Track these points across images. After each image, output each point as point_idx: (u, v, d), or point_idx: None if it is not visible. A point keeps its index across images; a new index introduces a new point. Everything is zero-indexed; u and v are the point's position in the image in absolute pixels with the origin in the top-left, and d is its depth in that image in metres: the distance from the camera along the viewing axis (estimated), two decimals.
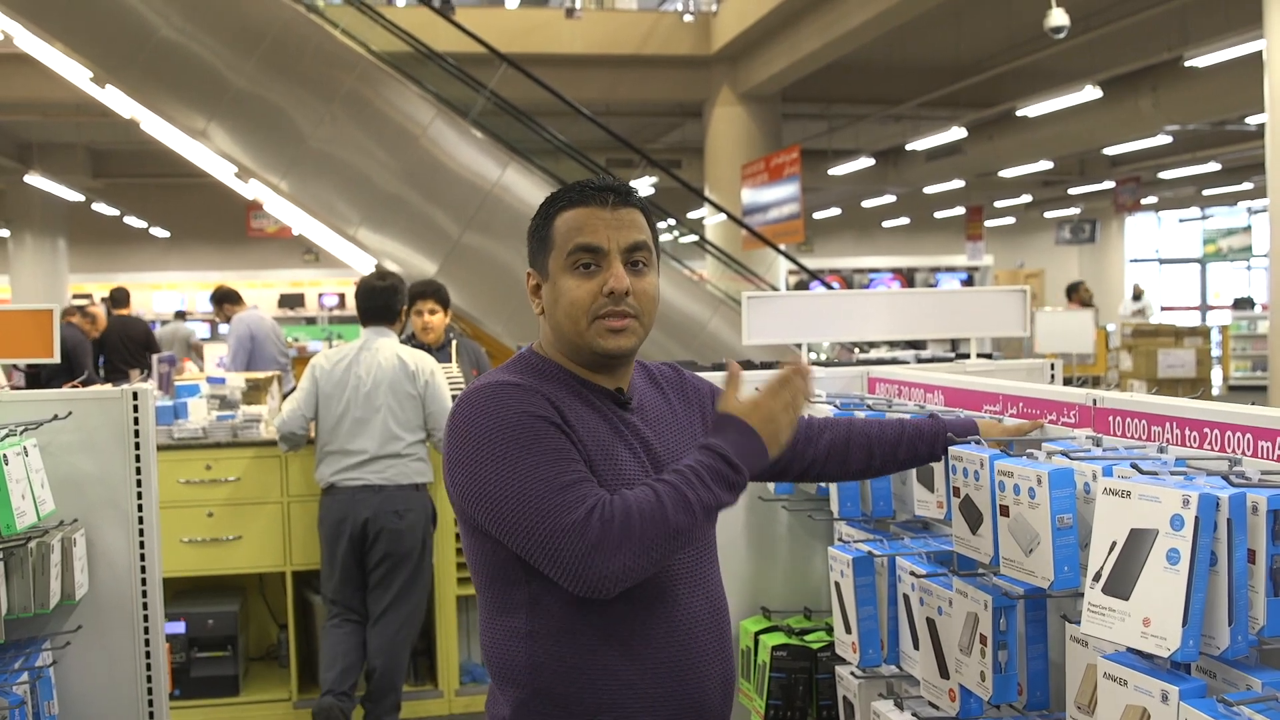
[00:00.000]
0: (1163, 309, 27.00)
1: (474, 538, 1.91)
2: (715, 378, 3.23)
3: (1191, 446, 1.89)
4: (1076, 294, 14.42)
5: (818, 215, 24.92)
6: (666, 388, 2.12)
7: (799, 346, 3.59)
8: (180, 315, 17.25)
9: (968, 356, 3.75)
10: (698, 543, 1.95)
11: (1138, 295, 19.51)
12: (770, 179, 14.72)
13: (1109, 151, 19.55)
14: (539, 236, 1.95)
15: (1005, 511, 1.95)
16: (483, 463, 1.79)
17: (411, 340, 5.66)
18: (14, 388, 3.18)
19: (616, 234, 1.88)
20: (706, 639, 1.95)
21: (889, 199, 24.30)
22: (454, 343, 5.77)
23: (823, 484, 2.88)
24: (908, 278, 27.48)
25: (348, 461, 4.65)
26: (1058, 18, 10.12)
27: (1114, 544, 1.65)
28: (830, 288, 15.52)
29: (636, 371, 2.06)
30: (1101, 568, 1.66)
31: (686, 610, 1.92)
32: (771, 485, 3.12)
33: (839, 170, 19.10)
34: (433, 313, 5.59)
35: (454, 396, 5.42)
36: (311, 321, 22.80)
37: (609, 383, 1.97)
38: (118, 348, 10.51)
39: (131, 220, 22.51)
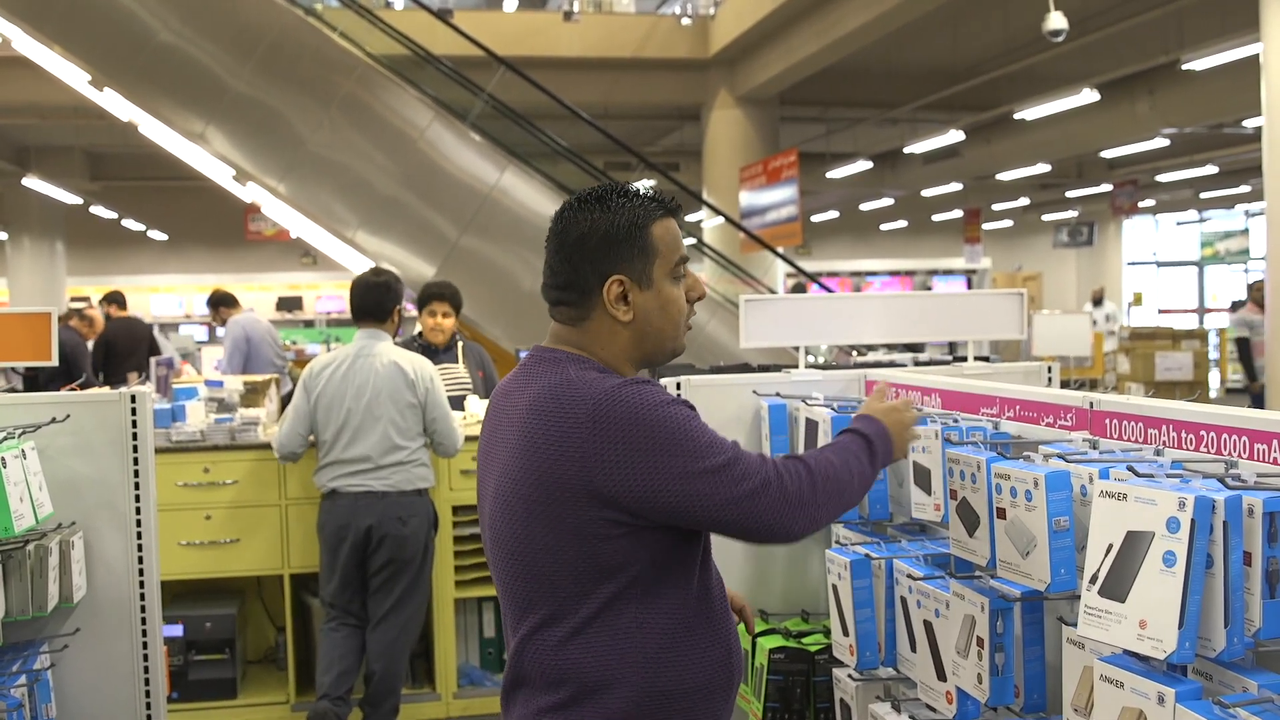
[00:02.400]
0: (1160, 312, 27.04)
1: (588, 542, 1.87)
2: (715, 380, 3.24)
3: (1188, 449, 1.90)
4: (1257, 293, 13.98)
5: (815, 218, 24.93)
6: None
7: (796, 350, 3.59)
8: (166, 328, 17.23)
9: (965, 359, 3.76)
10: None
11: (1098, 300, 18.47)
12: (768, 182, 14.73)
13: (1106, 154, 19.58)
14: (637, 243, 1.96)
15: (1002, 514, 1.96)
16: (651, 452, 1.84)
17: (418, 339, 5.67)
18: (10, 389, 3.19)
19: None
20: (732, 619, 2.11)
21: (887, 202, 24.32)
22: (460, 344, 5.77)
23: None
24: (906, 281, 27.48)
25: (350, 469, 4.62)
26: (1055, 21, 10.13)
27: (1110, 546, 1.65)
28: (829, 290, 15.52)
29: None
30: (1098, 570, 1.67)
31: (724, 592, 2.08)
32: None
33: (837, 173, 19.11)
34: (445, 315, 5.60)
35: (459, 398, 5.42)
36: (309, 324, 22.78)
37: None
38: (125, 349, 10.45)
39: (129, 223, 22.51)
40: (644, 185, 2.25)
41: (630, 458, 1.83)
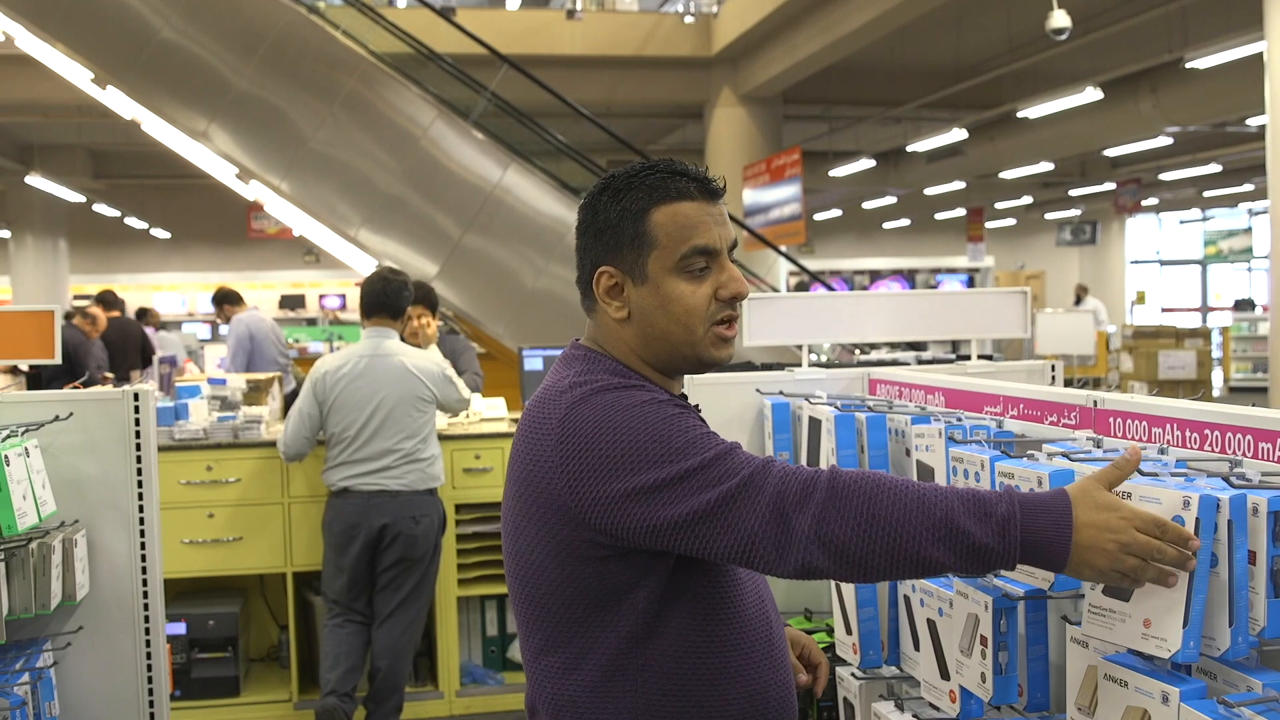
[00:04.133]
0: (1164, 310, 27.02)
1: (573, 564, 1.66)
2: (718, 379, 3.24)
3: (1192, 448, 1.89)
4: None
5: (818, 216, 24.93)
6: None
7: (799, 348, 3.59)
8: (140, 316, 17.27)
9: (968, 358, 3.75)
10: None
11: (1079, 298, 17.80)
12: (771, 180, 14.72)
13: (1109, 153, 19.56)
14: (628, 233, 1.72)
15: None
16: (626, 467, 1.59)
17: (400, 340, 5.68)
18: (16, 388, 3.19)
19: (723, 231, 1.73)
20: (788, 667, 1.82)
21: (890, 200, 24.31)
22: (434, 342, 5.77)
23: None
24: (909, 279, 27.47)
25: (365, 468, 4.62)
26: (1059, 19, 10.13)
27: None
28: (831, 289, 15.51)
29: None
30: None
31: (779, 635, 1.81)
32: None
33: (840, 172, 19.10)
34: (421, 316, 5.60)
35: None
36: (312, 322, 22.80)
37: (674, 390, 1.81)
38: (117, 349, 10.50)
39: (132, 221, 22.53)
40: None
41: (590, 471, 1.61)
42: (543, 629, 1.70)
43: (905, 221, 26.99)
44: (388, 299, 4.75)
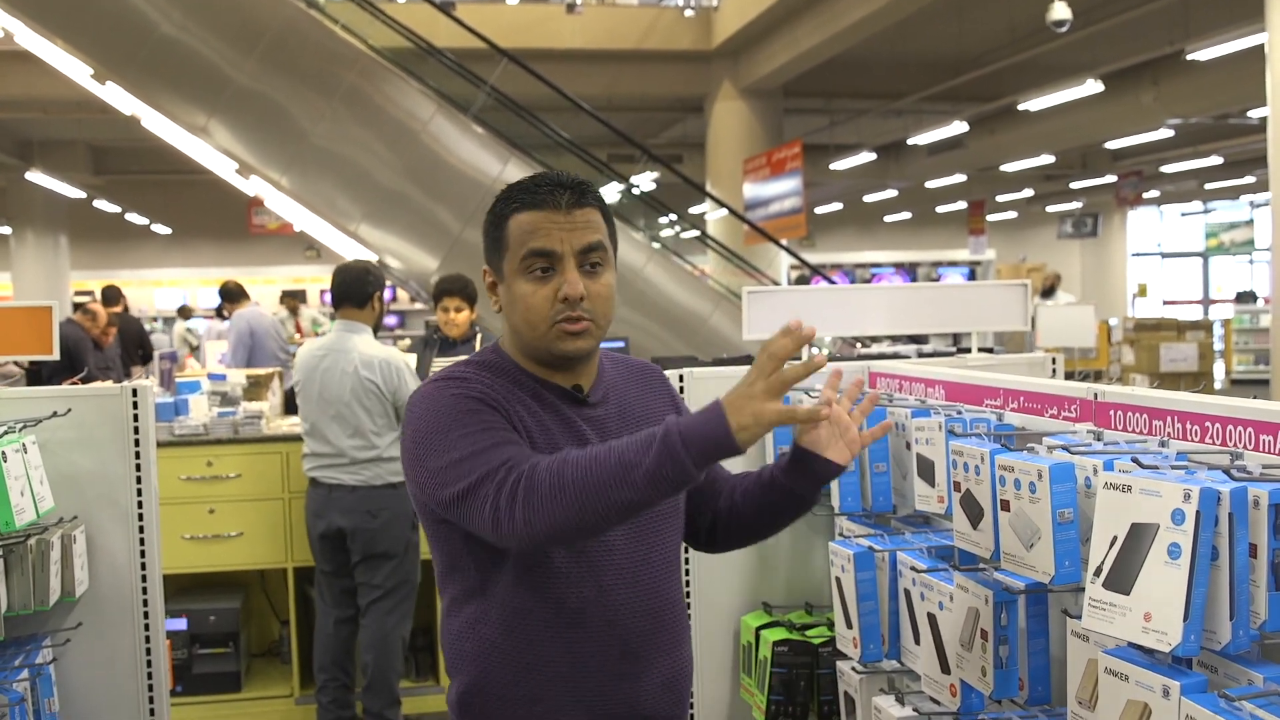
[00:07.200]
0: (1165, 303, 27.00)
1: (431, 528, 1.96)
2: (719, 372, 3.23)
3: (1193, 441, 1.89)
4: None
5: (819, 210, 24.90)
6: (650, 385, 2.10)
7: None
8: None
9: (969, 351, 3.75)
10: (639, 522, 1.91)
11: (1050, 290, 17.41)
12: (772, 173, 14.71)
13: (1111, 145, 19.54)
14: (493, 236, 1.95)
15: (1006, 506, 1.95)
16: (423, 449, 1.85)
17: (436, 333, 5.68)
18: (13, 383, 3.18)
19: (570, 236, 1.88)
20: (645, 634, 1.94)
21: (891, 193, 24.29)
22: (479, 335, 5.75)
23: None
24: (910, 273, 27.44)
25: (324, 461, 4.65)
26: (1059, 11, 10.12)
27: (1115, 538, 1.64)
28: (832, 282, 15.49)
29: (616, 368, 2.06)
30: (1102, 562, 1.66)
31: (625, 605, 1.92)
32: None
33: (840, 165, 19.09)
34: (459, 310, 5.58)
35: None
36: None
37: (565, 380, 1.96)
38: (120, 345, 10.51)
39: (133, 217, 22.53)
40: (647, 177, 2.05)
41: (405, 459, 1.91)
42: (436, 579, 2.01)
43: (906, 214, 26.97)
44: (345, 288, 4.72)
